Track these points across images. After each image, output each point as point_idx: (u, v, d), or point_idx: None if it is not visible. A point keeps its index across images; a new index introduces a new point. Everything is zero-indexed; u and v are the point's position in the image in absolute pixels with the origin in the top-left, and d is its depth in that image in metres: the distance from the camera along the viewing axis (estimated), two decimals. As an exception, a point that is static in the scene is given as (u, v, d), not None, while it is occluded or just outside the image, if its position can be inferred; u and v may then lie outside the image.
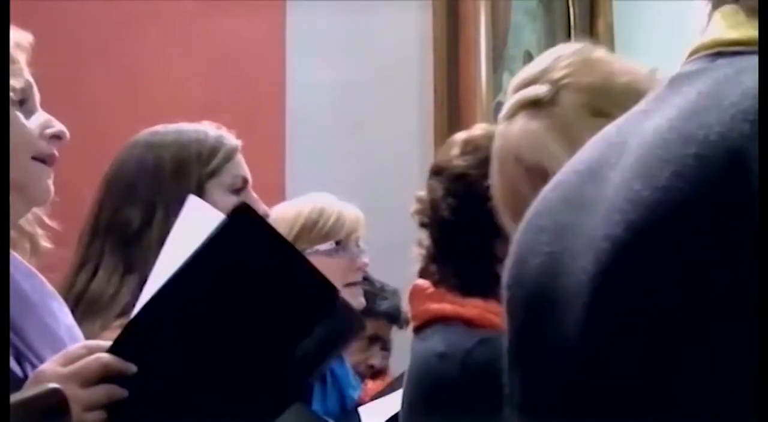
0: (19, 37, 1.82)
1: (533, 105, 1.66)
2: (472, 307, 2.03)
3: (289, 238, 2.73)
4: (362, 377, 3.44)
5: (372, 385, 3.67)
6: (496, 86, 4.44)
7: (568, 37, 4.82)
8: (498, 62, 4.47)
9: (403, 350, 3.53)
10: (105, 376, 1.56)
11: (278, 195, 4.15)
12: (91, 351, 1.58)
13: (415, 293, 2.11)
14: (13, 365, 1.65)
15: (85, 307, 1.98)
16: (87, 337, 1.79)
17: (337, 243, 2.74)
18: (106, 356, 1.56)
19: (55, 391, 1.60)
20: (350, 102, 4.28)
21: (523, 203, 1.08)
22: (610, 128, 1.03)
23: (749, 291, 0.83)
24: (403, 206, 2.19)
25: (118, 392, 1.56)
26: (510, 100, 1.69)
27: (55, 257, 1.89)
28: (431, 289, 2.08)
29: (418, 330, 2.10)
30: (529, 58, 4.68)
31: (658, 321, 0.87)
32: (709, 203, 0.87)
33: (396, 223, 2.49)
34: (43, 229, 1.84)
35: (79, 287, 2.03)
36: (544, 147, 1.62)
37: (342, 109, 4.29)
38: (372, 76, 4.23)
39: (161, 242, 1.92)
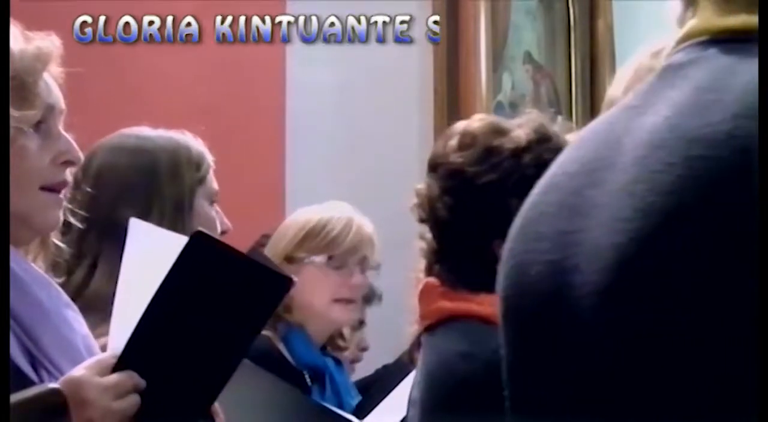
0: (42, 46, 1.76)
1: None
2: (488, 304, 1.99)
3: (292, 243, 2.75)
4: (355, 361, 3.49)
5: None
6: (496, 86, 4.44)
7: (568, 37, 4.83)
8: (498, 62, 4.47)
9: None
10: (135, 392, 1.64)
11: (278, 195, 4.15)
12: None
13: (427, 291, 2.08)
14: (30, 372, 1.65)
15: (85, 302, 1.99)
16: None
17: (330, 258, 2.75)
18: (136, 376, 1.64)
19: (55, 391, 1.60)
20: (350, 102, 4.27)
21: None
22: (599, 125, 0.97)
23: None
24: (403, 206, 2.18)
25: (138, 403, 1.64)
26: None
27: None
28: (442, 287, 2.06)
29: (430, 328, 2.08)
30: (529, 58, 4.69)
31: (669, 329, 0.83)
32: (719, 206, 0.82)
33: (396, 223, 2.49)
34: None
35: (77, 281, 2.05)
36: None
37: (342, 109, 4.29)
38: (372, 77, 4.23)
39: None
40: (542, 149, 2.04)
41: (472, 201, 2.05)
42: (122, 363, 1.63)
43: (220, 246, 1.67)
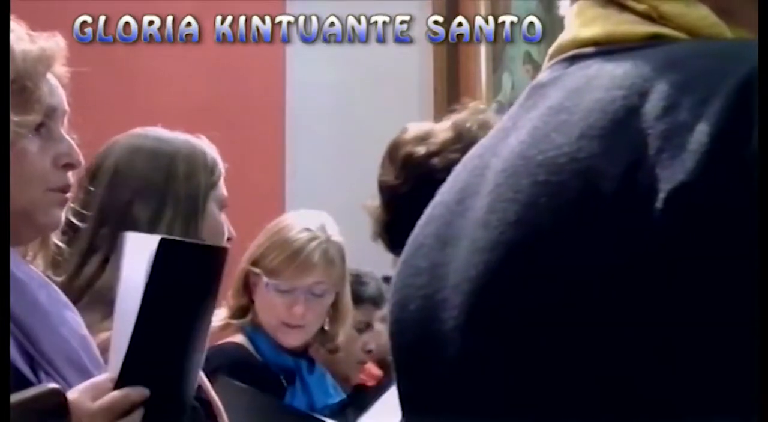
0: (46, 47, 1.75)
1: None
2: None
3: (253, 257, 2.75)
4: (361, 363, 3.49)
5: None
6: (496, 86, 4.44)
7: (568, 37, 4.83)
8: (498, 62, 4.47)
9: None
10: (136, 407, 1.63)
11: (277, 195, 4.15)
12: (114, 381, 1.65)
13: None
14: (28, 373, 1.65)
15: (94, 296, 2.00)
16: (88, 326, 1.80)
17: (268, 284, 2.74)
18: (133, 393, 1.63)
19: (54, 391, 1.60)
20: (350, 102, 4.28)
21: None
22: (475, 149, 0.93)
23: (621, 325, 0.75)
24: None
25: (140, 418, 1.63)
26: None
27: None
28: None
29: None
30: (529, 58, 4.69)
31: (524, 364, 0.80)
32: (565, 234, 0.78)
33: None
34: None
35: (87, 275, 2.07)
36: None
37: (342, 109, 4.29)
38: (372, 77, 4.23)
39: None
40: (454, 151, 2.02)
41: (406, 214, 2.07)
42: (122, 380, 1.62)
43: (185, 244, 1.74)
